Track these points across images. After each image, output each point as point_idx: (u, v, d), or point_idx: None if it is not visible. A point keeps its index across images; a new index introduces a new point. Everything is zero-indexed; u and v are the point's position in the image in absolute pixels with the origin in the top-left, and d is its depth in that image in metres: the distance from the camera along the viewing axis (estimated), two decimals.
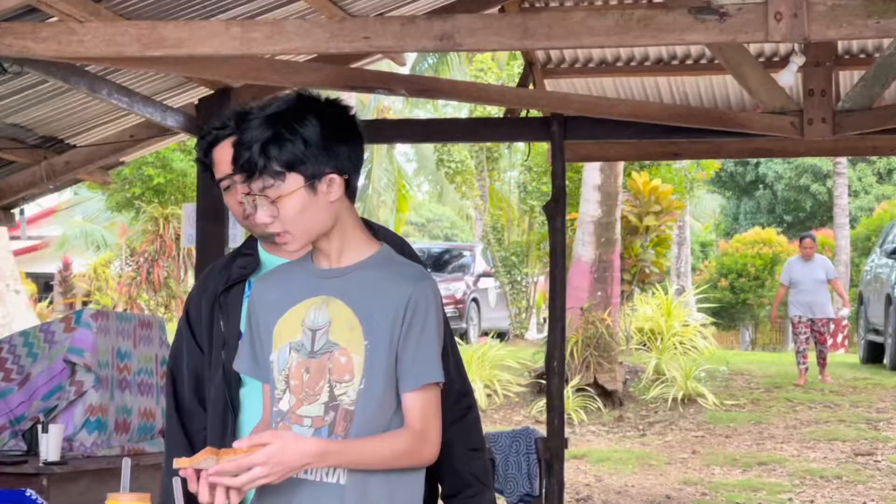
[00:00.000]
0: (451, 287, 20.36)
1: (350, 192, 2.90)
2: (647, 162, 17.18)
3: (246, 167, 2.81)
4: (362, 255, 2.92)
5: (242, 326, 3.17)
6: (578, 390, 14.08)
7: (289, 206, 2.81)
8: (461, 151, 23.38)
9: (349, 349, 2.85)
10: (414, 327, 2.85)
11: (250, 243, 3.34)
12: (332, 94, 3.05)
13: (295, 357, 2.88)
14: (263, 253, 3.30)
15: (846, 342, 22.40)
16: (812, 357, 15.26)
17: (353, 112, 2.94)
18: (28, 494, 2.83)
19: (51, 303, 27.00)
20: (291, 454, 2.71)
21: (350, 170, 2.88)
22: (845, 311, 18.35)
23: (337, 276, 2.91)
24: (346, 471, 2.83)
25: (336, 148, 2.83)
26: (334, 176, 2.83)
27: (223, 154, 3.17)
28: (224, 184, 3.23)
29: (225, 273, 3.30)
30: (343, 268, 2.91)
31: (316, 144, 2.80)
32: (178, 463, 2.66)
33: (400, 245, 3.21)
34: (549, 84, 8.47)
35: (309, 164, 2.79)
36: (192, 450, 3.11)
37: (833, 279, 15.56)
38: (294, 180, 2.80)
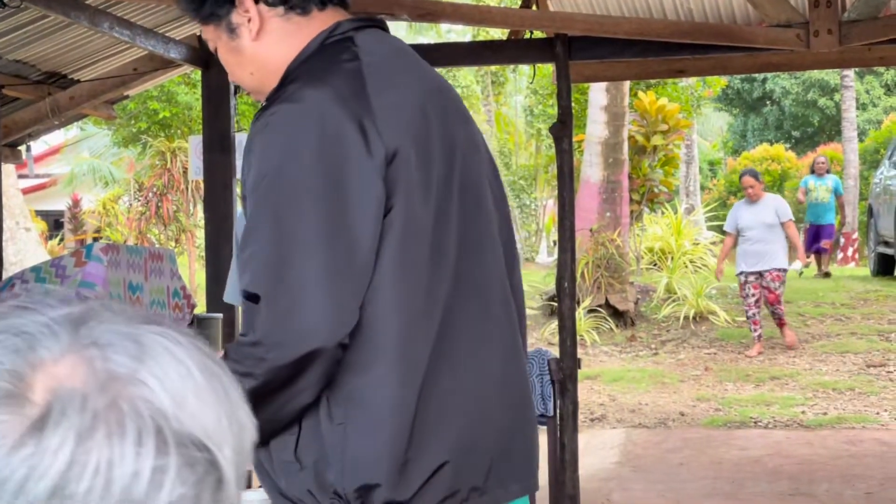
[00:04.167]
0: None
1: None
2: (653, 81, 17.11)
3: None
4: None
5: None
6: (590, 311, 14.13)
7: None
8: (467, 76, 23.29)
9: None
10: None
11: None
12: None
13: None
14: None
15: (857, 255, 22.40)
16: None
17: None
18: None
19: (61, 240, 27.06)
20: None
21: None
22: (797, 265, 15.62)
23: None
24: None
25: None
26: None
27: None
28: None
29: None
30: None
31: None
32: None
33: None
34: (553, 4, 8.41)
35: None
36: None
37: (786, 222, 12.80)
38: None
